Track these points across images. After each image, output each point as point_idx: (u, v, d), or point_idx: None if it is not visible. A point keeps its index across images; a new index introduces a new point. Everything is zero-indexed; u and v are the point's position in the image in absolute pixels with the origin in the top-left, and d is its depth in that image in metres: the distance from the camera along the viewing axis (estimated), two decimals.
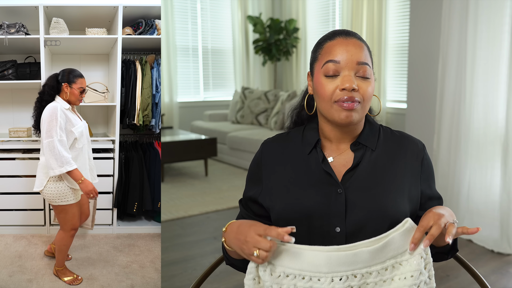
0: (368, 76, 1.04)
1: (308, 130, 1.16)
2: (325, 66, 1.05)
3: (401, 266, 0.95)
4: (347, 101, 1.02)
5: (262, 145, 1.20)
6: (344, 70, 1.03)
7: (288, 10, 7.01)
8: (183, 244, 3.16)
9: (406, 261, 0.95)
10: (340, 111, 1.03)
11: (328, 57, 1.05)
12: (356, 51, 1.04)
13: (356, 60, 1.03)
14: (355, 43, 1.05)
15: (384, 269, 0.95)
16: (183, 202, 4.14)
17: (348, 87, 1.01)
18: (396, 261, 0.95)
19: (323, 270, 0.94)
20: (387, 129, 1.17)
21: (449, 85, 3.26)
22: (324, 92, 1.05)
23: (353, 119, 1.03)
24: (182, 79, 6.86)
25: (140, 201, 2.87)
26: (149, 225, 2.96)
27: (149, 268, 2.45)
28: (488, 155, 3.08)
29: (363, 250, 0.94)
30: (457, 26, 3.16)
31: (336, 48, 1.05)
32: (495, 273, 2.67)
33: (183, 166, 5.64)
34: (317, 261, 0.94)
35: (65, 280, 2.22)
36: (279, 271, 0.96)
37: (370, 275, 0.95)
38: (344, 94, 1.02)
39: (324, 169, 1.08)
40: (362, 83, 1.03)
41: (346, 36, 1.07)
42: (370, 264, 0.95)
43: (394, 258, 0.95)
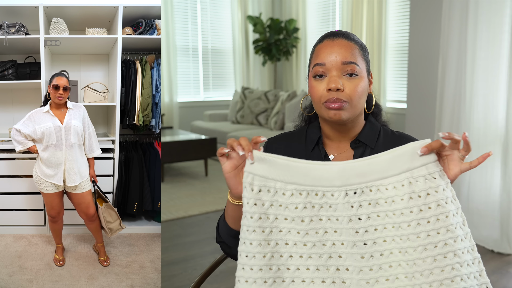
0: (356, 73, 1.06)
1: (311, 129, 1.19)
2: (314, 69, 1.09)
3: (418, 183, 0.88)
4: (331, 102, 1.05)
5: (266, 142, 1.22)
6: (330, 71, 1.06)
7: (288, 10, 7.01)
8: (183, 244, 3.16)
9: (423, 178, 0.87)
10: (327, 110, 1.06)
11: (316, 60, 1.09)
12: (341, 51, 1.06)
13: (341, 60, 1.06)
14: (340, 44, 1.08)
15: (401, 184, 0.88)
16: (183, 202, 4.14)
17: (333, 87, 1.04)
18: (412, 175, 0.88)
19: (336, 183, 0.89)
20: (387, 129, 1.20)
21: (449, 85, 3.26)
22: (313, 94, 1.09)
23: (341, 117, 1.06)
24: (182, 79, 6.86)
25: (140, 201, 2.87)
26: (149, 225, 2.96)
27: (149, 268, 2.45)
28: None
29: (377, 158, 0.89)
30: (457, 26, 3.16)
31: (322, 50, 1.09)
32: (495, 273, 2.67)
33: (183, 166, 5.64)
34: (330, 175, 0.89)
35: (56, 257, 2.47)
36: (290, 189, 0.89)
37: (387, 190, 0.89)
38: (330, 95, 1.05)
39: None
40: (349, 82, 1.06)
41: (333, 37, 1.10)
42: (385, 176, 0.89)
43: (410, 171, 0.88)
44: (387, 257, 0.88)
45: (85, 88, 2.79)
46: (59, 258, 2.45)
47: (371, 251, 0.88)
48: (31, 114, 2.31)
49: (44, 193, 2.33)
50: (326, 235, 0.89)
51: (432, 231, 0.86)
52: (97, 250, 2.53)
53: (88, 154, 2.41)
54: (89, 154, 2.42)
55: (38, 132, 2.26)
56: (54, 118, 2.28)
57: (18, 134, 2.29)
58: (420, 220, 0.87)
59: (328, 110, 1.06)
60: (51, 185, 2.30)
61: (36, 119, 2.28)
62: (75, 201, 2.36)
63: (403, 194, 0.88)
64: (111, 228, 2.43)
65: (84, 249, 2.63)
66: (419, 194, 0.87)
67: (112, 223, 2.43)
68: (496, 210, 3.05)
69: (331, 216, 0.89)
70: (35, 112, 2.32)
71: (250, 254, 0.88)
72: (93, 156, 2.44)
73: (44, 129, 2.26)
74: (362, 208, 0.89)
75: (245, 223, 0.89)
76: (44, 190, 2.32)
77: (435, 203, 0.87)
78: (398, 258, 0.87)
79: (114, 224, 2.44)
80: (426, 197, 0.87)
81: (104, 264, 2.44)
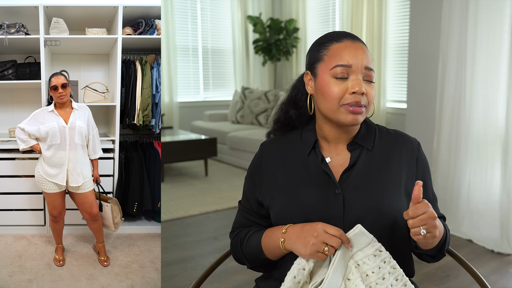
0: (373, 80, 1.08)
1: (306, 132, 1.17)
2: (334, 68, 1.05)
3: (359, 266, 1.02)
4: (354, 105, 1.04)
5: (260, 146, 1.21)
6: (353, 74, 1.05)
7: (288, 10, 7.01)
8: (183, 244, 3.16)
9: (361, 260, 1.02)
10: (346, 113, 1.05)
11: (339, 60, 1.05)
12: (364, 56, 1.06)
13: (365, 65, 1.06)
14: (362, 48, 1.07)
15: (350, 272, 1.02)
16: (183, 202, 4.14)
17: (358, 91, 1.03)
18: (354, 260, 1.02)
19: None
20: (382, 128, 1.18)
21: (449, 85, 3.26)
22: (331, 94, 1.05)
23: (358, 121, 1.06)
24: (182, 79, 6.86)
25: (140, 201, 2.87)
26: (149, 225, 2.96)
27: (149, 268, 2.45)
28: (488, 155, 3.08)
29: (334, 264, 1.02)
30: (457, 26, 3.16)
31: (346, 51, 1.06)
32: (495, 273, 2.67)
33: (183, 166, 5.64)
34: None
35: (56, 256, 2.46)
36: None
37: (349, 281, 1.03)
38: (353, 98, 1.04)
39: (323, 169, 1.09)
40: (368, 88, 1.06)
41: (353, 39, 1.08)
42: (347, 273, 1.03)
43: (353, 258, 1.02)
44: None
45: (85, 88, 2.80)
46: (59, 258, 2.45)
47: None
48: (35, 113, 2.32)
49: (46, 193, 2.33)
50: None
51: None
52: (97, 250, 2.53)
53: (91, 156, 2.43)
54: (92, 155, 2.43)
55: (42, 131, 2.26)
56: (58, 118, 2.29)
57: (22, 133, 2.30)
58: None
59: (348, 114, 1.05)
60: (53, 184, 2.30)
61: (40, 119, 2.29)
62: (79, 201, 2.36)
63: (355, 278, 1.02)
64: (117, 223, 2.50)
65: (84, 249, 2.63)
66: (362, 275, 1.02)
67: (117, 218, 2.49)
68: (496, 210, 3.05)
69: None
70: (40, 111, 2.33)
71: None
72: (96, 157, 2.46)
73: (49, 128, 2.26)
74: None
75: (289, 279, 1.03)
76: (46, 190, 2.32)
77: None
78: None
79: (118, 218, 2.51)
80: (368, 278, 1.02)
81: (104, 264, 2.45)
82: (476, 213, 3.16)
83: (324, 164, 1.11)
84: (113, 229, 2.50)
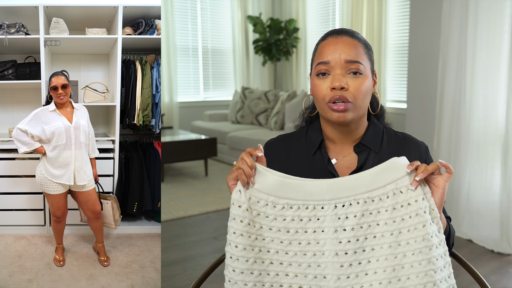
0: (361, 72, 1.03)
1: (311, 131, 1.15)
2: (317, 67, 1.05)
3: (401, 194, 0.93)
4: (338, 101, 1.02)
5: (265, 145, 1.19)
6: (334, 69, 1.03)
7: (288, 10, 7.01)
8: (183, 244, 3.16)
9: (405, 187, 0.93)
10: (331, 111, 1.03)
11: (319, 58, 1.06)
12: (345, 49, 1.03)
13: (345, 58, 1.03)
14: (345, 41, 1.05)
15: (386, 196, 0.93)
16: (183, 202, 4.14)
17: (338, 85, 1.01)
18: (396, 187, 0.93)
19: (326, 197, 0.95)
20: (390, 130, 1.16)
21: (449, 85, 3.26)
22: (317, 93, 1.05)
23: (346, 118, 1.03)
24: (182, 79, 6.86)
25: (140, 201, 2.87)
26: (149, 225, 2.96)
27: (149, 268, 2.45)
28: (488, 155, 3.08)
29: (364, 173, 0.95)
30: (457, 26, 3.16)
31: (325, 48, 1.05)
32: (495, 273, 2.67)
33: (183, 166, 5.64)
34: (321, 190, 0.95)
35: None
36: (282, 203, 0.97)
37: (373, 202, 0.94)
38: (334, 93, 1.02)
39: (330, 170, 1.08)
40: (353, 81, 1.03)
41: (337, 35, 1.06)
42: (372, 189, 0.94)
43: (394, 182, 0.93)
44: (364, 266, 0.94)
45: (85, 88, 2.80)
46: (59, 258, 2.45)
47: (351, 260, 0.94)
48: (36, 113, 2.26)
49: (50, 194, 2.29)
50: (309, 246, 0.96)
51: (411, 240, 0.92)
52: (97, 250, 2.53)
53: (91, 155, 2.44)
54: (92, 154, 2.44)
55: (48, 132, 2.22)
56: (62, 118, 2.27)
57: (24, 135, 2.22)
58: (401, 229, 0.93)
59: (332, 112, 1.03)
60: (58, 185, 2.27)
61: (43, 119, 2.25)
62: (82, 200, 2.36)
63: (387, 205, 0.93)
64: (117, 220, 2.51)
65: (84, 249, 2.63)
66: (402, 204, 0.93)
67: (116, 215, 2.50)
68: (496, 210, 3.04)
69: (318, 227, 0.96)
70: (41, 111, 2.28)
71: (234, 257, 0.96)
72: (95, 156, 2.48)
73: (54, 128, 2.22)
74: (348, 220, 0.94)
75: (234, 226, 0.97)
76: (50, 192, 2.28)
77: (415, 212, 0.92)
78: (374, 266, 0.93)
79: (117, 215, 2.52)
80: (407, 207, 0.93)
81: (104, 264, 2.45)
82: (476, 213, 3.16)
83: (330, 165, 1.09)
84: (114, 226, 2.50)
